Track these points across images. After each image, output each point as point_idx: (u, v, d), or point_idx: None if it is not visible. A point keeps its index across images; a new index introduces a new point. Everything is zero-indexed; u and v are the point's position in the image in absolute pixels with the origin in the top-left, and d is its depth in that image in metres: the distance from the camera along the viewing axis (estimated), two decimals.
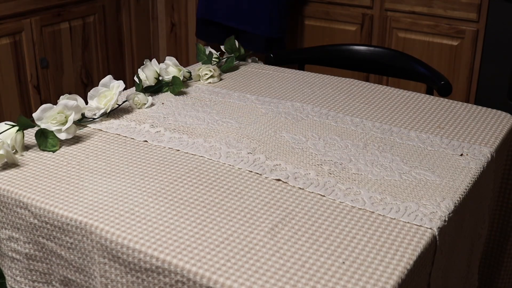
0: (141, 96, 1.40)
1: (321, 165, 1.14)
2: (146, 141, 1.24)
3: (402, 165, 1.15)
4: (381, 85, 1.58)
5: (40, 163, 1.15)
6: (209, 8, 2.67)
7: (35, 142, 1.22)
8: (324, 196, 1.04)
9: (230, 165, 1.14)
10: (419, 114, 1.40)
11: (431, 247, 0.93)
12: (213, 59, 1.66)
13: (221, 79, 1.61)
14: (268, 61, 1.92)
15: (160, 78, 1.52)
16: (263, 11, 2.54)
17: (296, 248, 0.89)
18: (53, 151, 1.19)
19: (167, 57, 1.55)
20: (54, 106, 1.23)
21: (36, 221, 1.02)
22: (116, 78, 1.37)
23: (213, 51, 1.67)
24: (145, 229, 0.93)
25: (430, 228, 0.95)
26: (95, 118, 1.33)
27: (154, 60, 1.50)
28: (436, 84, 1.70)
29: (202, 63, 1.65)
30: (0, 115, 2.46)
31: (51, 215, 0.99)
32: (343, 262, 0.86)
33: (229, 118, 1.35)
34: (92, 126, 1.31)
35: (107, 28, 2.92)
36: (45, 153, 1.19)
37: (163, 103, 1.43)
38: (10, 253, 1.08)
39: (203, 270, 0.85)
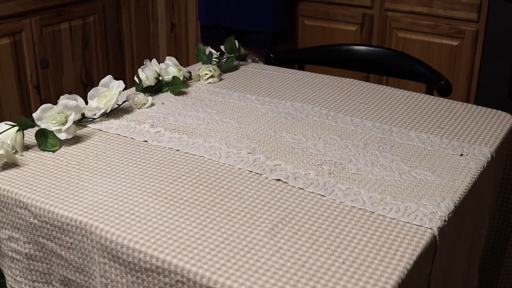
0: (141, 96, 1.40)
1: (321, 165, 1.14)
2: (146, 141, 1.24)
3: (402, 165, 1.15)
4: (381, 85, 1.58)
5: (40, 163, 1.15)
6: (213, 15, 2.69)
7: (35, 142, 1.22)
8: (324, 196, 1.04)
9: (230, 165, 1.14)
10: (419, 114, 1.40)
11: (431, 247, 0.93)
12: (213, 59, 1.66)
13: (221, 79, 1.61)
14: (268, 61, 1.92)
15: (160, 78, 1.52)
16: (266, 9, 2.56)
17: (296, 248, 0.89)
18: (53, 151, 1.19)
19: (167, 57, 1.55)
20: (54, 106, 1.23)
21: (36, 221, 1.02)
22: (116, 78, 1.37)
23: (213, 51, 1.67)
24: (145, 229, 0.93)
25: (430, 228, 0.95)
26: (95, 118, 1.33)
27: (154, 60, 1.50)
28: (436, 84, 1.70)
29: (202, 63, 1.65)
30: (0, 115, 2.46)
31: (51, 215, 0.99)
32: (343, 262, 0.86)
33: (229, 118, 1.35)
34: (92, 126, 1.31)
35: (107, 28, 2.92)
36: (45, 153, 1.19)
37: (163, 103, 1.43)
38: (10, 253, 1.08)
39: (203, 270, 0.85)
